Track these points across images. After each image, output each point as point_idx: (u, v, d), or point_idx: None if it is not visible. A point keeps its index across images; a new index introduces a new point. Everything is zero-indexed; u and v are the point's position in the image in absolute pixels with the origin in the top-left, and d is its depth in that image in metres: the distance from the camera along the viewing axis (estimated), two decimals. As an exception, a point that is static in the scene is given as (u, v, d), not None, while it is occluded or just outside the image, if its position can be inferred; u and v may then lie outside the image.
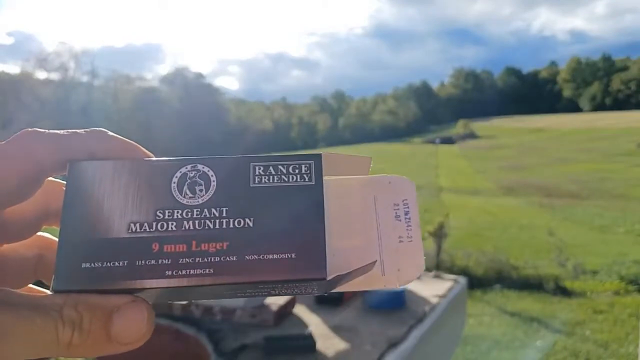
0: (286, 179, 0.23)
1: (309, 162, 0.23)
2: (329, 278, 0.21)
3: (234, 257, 0.21)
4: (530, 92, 68.74)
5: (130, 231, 0.21)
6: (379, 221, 0.23)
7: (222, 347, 1.28)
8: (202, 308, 1.45)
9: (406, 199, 0.24)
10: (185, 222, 0.21)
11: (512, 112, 56.23)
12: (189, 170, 0.22)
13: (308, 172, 0.23)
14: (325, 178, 0.23)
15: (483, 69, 78.40)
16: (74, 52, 26.48)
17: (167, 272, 0.20)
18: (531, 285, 4.30)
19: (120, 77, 30.06)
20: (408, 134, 44.54)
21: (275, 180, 0.23)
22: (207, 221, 0.21)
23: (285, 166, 0.23)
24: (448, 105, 63.46)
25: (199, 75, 39.95)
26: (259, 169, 0.23)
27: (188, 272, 0.20)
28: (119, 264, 0.20)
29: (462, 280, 1.96)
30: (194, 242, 0.21)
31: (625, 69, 61.15)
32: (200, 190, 0.22)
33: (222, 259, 0.21)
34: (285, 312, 1.49)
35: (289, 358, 1.25)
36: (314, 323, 1.46)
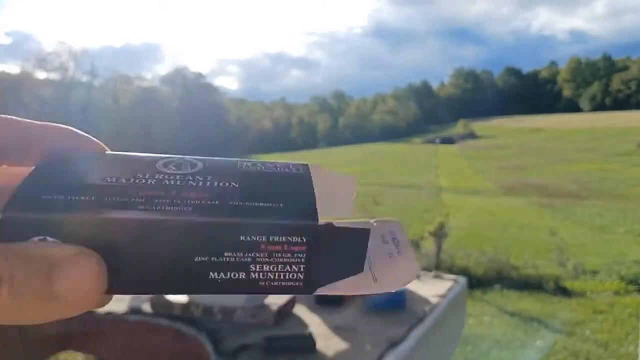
0: (274, 169, 0.23)
1: (297, 165, 0.24)
2: (320, 223, 0.20)
3: (216, 202, 0.19)
4: (530, 92, 68.76)
5: (104, 181, 0.20)
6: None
7: (222, 347, 1.28)
8: (202, 308, 1.45)
9: (393, 231, 0.23)
10: (166, 180, 0.20)
11: (512, 112, 56.25)
12: (175, 158, 0.22)
13: (297, 169, 0.23)
14: None
15: (483, 69, 78.50)
16: (73, 52, 26.51)
17: (139, 207, 0.19)
18: (531, 285, 4.31)
19: (120, 77, 30.12)
20: (408, 134, 44.57)
21: (264, 168, 0.23)
22: (190, 181, 0.21)
23: (273, 164, 0.23)
24: (448, 105, 63.49)
25: (199, 75, 39.98)
26: (247, 163, 0.23)
27: (164, 208, 0.19)
28: (85, 198, 0.19)
29: (462, 280, 1.95)
30: (173, 191, 0.20)
31: (625, 68, 61.17)
32: (186, 168, 0.22)
33: (202, 202, 0.19)
34: (285, 312, 1.49)
35: (289, 358, 1.25)
36: (314, 323, 1.46)
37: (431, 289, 1.76)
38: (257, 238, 0.19)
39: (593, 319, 3.59)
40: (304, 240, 0.19)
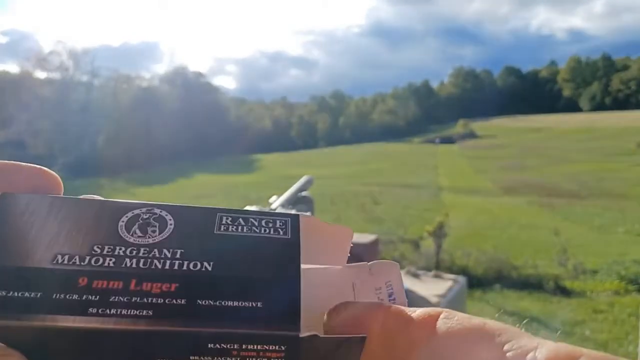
0: (257, 231, 0.20)
1: (285, 218, 0.20)
2: (302, 335, 0.17)
3: (183, 301, 0.17)
4: (530, 91, 68.71)
5: (55, 262, 0.17)
6: None
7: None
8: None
9: (389, 281, 0.21)
10: (127, 260, 0.18)
11: (512, 112, 56.22)
12: (142, 212, 0.19)
13: (284, 227, 0.20)
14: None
15: (483, 69, 78.45)
16: (73, 52, 26.49)
17: (90, 310, 0.16)
18: (531, 284, 4.31)
19: (121, 76, 30.08)
20: (408, 133, 44.52)
21: (245, 231, 0.20)
22: (156, 261, 0.18)
23: (257, 219, 0.20)
24: (448, 104, 63.44)
25: (199, 75, 39.95)
26: (227, 218, 0.20)
27: (119, 312, 0.16)
28: (30, 295, 0.16)
29: (462, 279, 1.95)
30: (133, 281, 0.17)
31: (625, 68, 61.13)
32: (153, 232, 0.19)
33: (166, 301, 0.17)
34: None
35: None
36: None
37: (431, 288, 1.76)
38: (229, 346, 0.17)
39: (593, 319, 3.59)
40: (282, 349, 0.17)
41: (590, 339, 3.24)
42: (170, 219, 0.19)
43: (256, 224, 0.20)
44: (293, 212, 0.18)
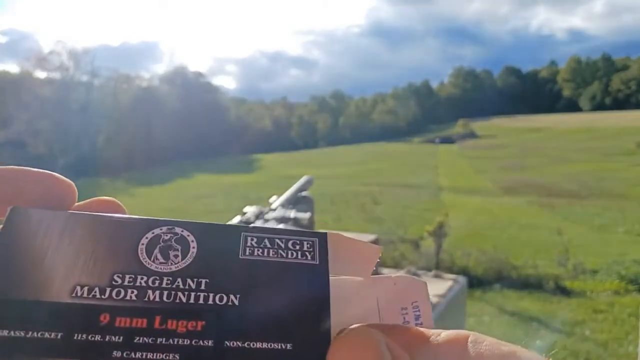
0: (284, 255, 0.19)
1: (313, 239, 0.19)
2: None
3: (210, 342, 0.16)
4: (530, 91, 68.72)
5: (74, 295, 0.16)
6: None
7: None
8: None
9: (416, 301, 0.20)
10: (150, 292, 0.17)
11: (511, 112, 56.23)
12: (163, 232, 0.18)
13: (311, 250, 0.19)
14: None
15: (483, 69, 78.44)
16: (73, 52, 26.45)
17: (114, 353, 0.15)
18: (531, 284, 4.31)
19: (121, 76, 30.05)
20: (408, 133, 44.52)
21: (271, 255, 0.19)
22: (180, 293, 0.17)
23: (283, 240, 0.19)
24: (448, 104, 63.43)
25: (199, 74, 39.94)
26: (252, 239, 0.19)
27: (144, 356, 0.15)
28: (50, 335, 0.15)
29: (462, 279, 1.96)
30: (157, 318, 0.16)
31: (625, 68, 61.12)
32: (176, 257, 0.18)
33: (193, 342, 0.16)
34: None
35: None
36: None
37: (431, 288, 1.76)
38: None
39: (593, 319, 3.59)
40: None
41: (590, 339, 3.24)
42: (192, 240, 0.18)
43: (283, 246, 0.19)
44: (321, 231, 0.17)
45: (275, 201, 1.37)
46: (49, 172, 0.19)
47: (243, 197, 9.85)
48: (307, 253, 0.19)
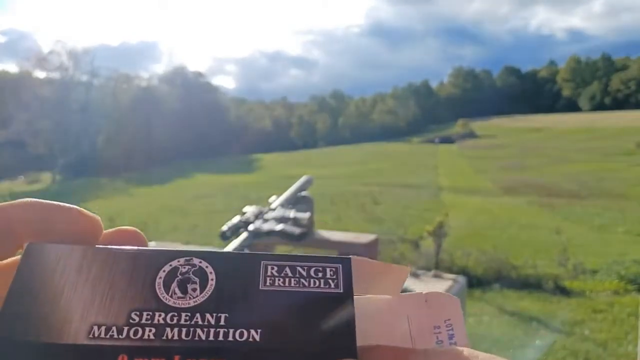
0: (306, 283, 0.18)
1: (336, 265, 0.19)
2: None
3: None
4: (530, 91, 68.75)
5: (92, 336, 0.16)
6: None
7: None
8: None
9: (449, 319, 0.19)
10: (168, 330, 0.16)
11: (511, 112, 56.25)
12: (181, 264, 0.18)
13: (334, 277, 0.18)
14: None
15: (482, 69, 78.48)
16: (72, 52, 26.42)
17: None
18: (530, 284, 4.31)
19: (121, 76, 30.05)
20: (407, 133, 44.55)
21: (293, 284, 0.18)
22: (199, 330, 0.16)
23: (305, 268, 0.18)
24: (447, 104, 63.46)
25: (198, 74, 39.93)
26: (272, 268, 0.18)
27: None
28: None
29: (462, 279, 1.96)
30: (176, 358, 0.15)
31: (624, 68, 61.15)
32: (194, 290, 0.17)
33: None
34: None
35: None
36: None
37: (430, 288, 1.76)
38: None
39: (592, 319, 3.59)
40: None
41: (590, 339, 3.24)
42: (211, 272, 0.18)
43: (304, 274, 0.18)
44: (347, 255, 0.17)
45: (275, 201, 1.37)
46: (76, 207, 0.19)
47: (243, 197, 9.85)
48: (330, 281, 0.18)
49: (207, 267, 0.18)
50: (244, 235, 1.15)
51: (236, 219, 1.23)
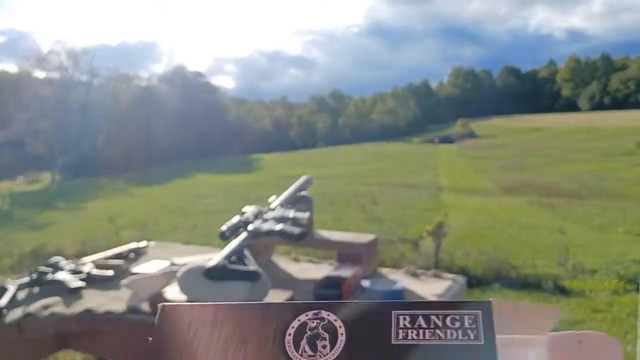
0: (442, 335, 0.16)
1: (474, 312, 0.16)
2: None
3: None
4: (529, 91, 68.68)
5: None
6: None
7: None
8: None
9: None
10: None
11: (511, 112, 56.20)
12: (309, 319, 0.17)
13: (474, 326, 0.16)
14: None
15: (482, 69, 78.43)
16: (72, 52, 26.38)
17: None
18: (530, 284, 4.31)
19: (120, 76, 30.02)
20: (407, 133, 44.52)
21: (427, 336, 0.16)
22: None
23: (440, 317, 0.16)
24: (447, 104, 63.42)
25: (198, 74, 39.90)
26: (404, 319, 0.16)
27: None
28: None
29: (461, 279, 1.95)
30: None
31: (624, 68, 61.12)
32: (324, 347, 0.16)
33: None
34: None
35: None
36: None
37: (430, 288, 1.76)
38: None
39: (592, 318, 3.59)
40: None
41: (590, 339, 3.24)
42: (340, 326, 0.16)
43: (440, 324, 0.16)
44: (483, 300, 0.15)
45: (274, 201, 1.37)
46: None
47: (243, 197, 9.84)
48: (469, 331, 0.16)
49: (335, 320, 0.17)
50: (243, 235, 1.15)
51: (235, 219, 1.23)
